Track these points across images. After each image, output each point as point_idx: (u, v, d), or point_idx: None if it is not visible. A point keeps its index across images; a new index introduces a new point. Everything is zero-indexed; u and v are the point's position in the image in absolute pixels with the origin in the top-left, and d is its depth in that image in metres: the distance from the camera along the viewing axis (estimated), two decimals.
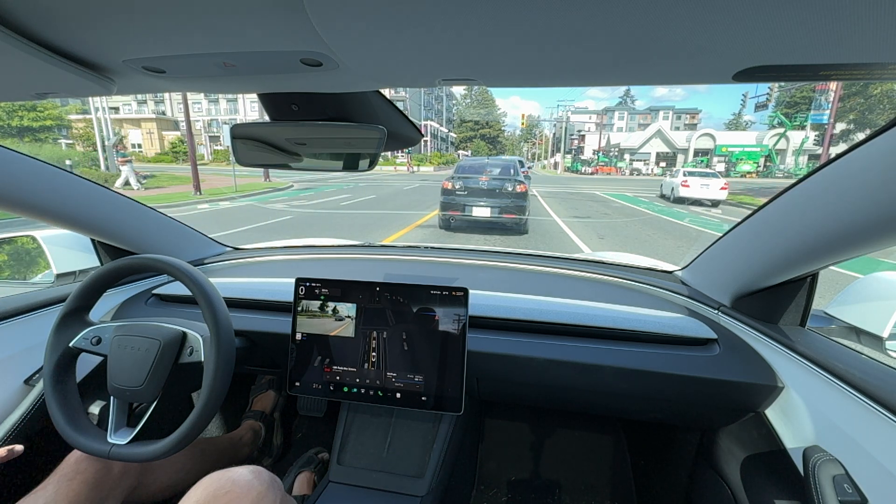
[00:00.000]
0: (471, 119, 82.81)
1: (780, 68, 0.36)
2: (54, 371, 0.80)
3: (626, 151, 45.85)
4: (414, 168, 35.51)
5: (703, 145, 41.67)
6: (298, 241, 1.65)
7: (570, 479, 1.43)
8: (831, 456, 0.62)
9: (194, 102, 45.87)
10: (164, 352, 0.79)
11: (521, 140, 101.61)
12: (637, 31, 0.32)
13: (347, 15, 0.32)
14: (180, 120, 45.60)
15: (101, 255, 1.20)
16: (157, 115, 47.08)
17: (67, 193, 0.94)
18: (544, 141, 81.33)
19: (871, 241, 0.53)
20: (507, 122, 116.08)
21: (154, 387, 0.78)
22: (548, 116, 76.33)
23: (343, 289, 0.93)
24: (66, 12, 0.34)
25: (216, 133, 44.78)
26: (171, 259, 0.81)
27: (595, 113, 64.22)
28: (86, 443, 0.76)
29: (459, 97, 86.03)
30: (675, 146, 43.71)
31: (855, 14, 0.28)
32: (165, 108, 50.75)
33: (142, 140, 43.30)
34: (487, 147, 78.18)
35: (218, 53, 0.41)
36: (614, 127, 60.11)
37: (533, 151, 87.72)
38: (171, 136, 42.58)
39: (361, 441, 0.97)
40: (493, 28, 0.33)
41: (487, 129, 79.72)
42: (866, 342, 0.82)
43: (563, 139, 58.70)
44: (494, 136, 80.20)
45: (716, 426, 0.98)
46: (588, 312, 0.94)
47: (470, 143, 77.02)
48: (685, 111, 60.17)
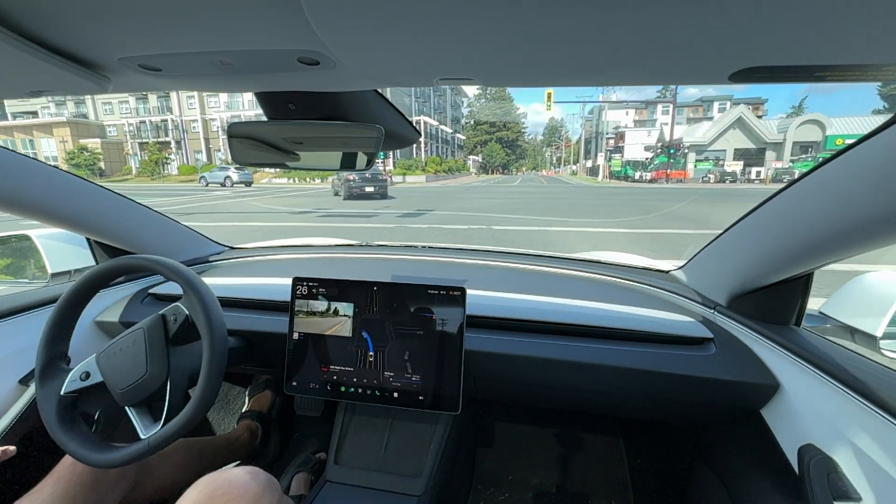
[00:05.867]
0: (486, 120, 72.52)
1: (776, 69, 0.36)
2: (58, 419, 0.76)
3: (691, 149, 34.01)
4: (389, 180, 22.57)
5: (806, 136, 30.66)
6: (296, 241, 1.65)
7: (568, 478, 1.44)
8: (826, 454, 0.62)
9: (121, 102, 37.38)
10: (151, 334, 0.78)
11: (543, 144, 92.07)
12: (633, 32, 0.32)
13: (345, 14, 0.32)
14: (106, 124, 37.71)
15: (96, 254, 1.19)
16: (73, 119, 36.38)
17: (62, 192, 0.94)
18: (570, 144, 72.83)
19: (868, 240, 0.54)
20: (528, 126, 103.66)
21: (158, 366, 0.76)
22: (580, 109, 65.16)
23: (340, 288, 0.92)
24: (61, 9, 0.34)
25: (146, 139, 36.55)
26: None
27: (634, 107, 54.92)
28: (114, 456, 0.73)
29: (473, 96, 74.91)
30: (763, 139, 31.89)
31: (849, 16, 0.28)
32: (87, 108, 39.06)
33: (56, 152, 33.10)
34: (504, 151, 68.36)
35: (215, 52, 0.40)
36: (657, 123, 49.29)
37: (558, 156, 79.73)
38: (92, 143, 34.44)
39: (359, 441, 0.97)
40: (490, 27, 0.33)
41: (505, 132, 70.00)
42: (860, 341, 0.82)
43: (596, 140, 50.67)
44: (513, 140, 71.28)
45: (712, 425, 0.98)
46: (585, 312, 0.94)
47: (483, 147, 66.83)
48: (747, 101, 44.64)
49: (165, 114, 37.28)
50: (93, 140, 35.49)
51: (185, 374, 0.79)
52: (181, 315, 0.79)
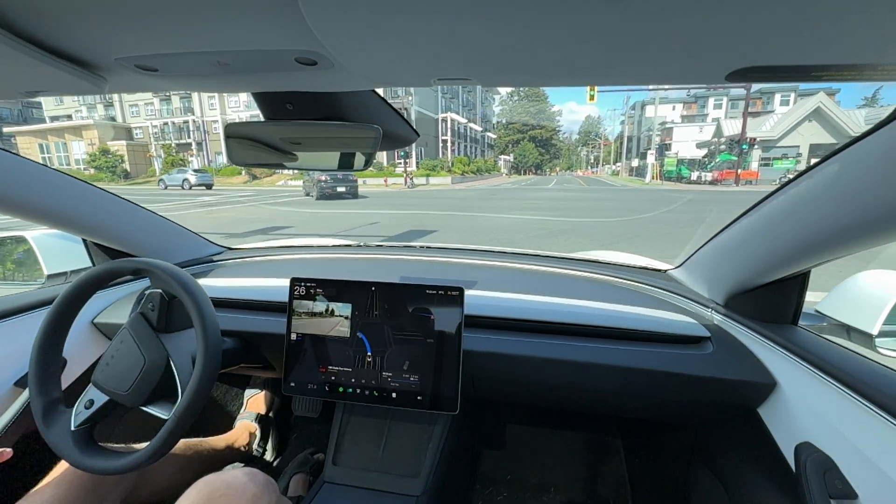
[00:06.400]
0: (518, 119, 68.29)
1: (773, 69, 0.37)
2: (78, 450, 0.74)
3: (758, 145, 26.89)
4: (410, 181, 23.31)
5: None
6: (294, 241, 1.64)
7: (566, 478, 1.44)
8: (823, 452, 0.62)
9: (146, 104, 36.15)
10: (136, 328, 0.78)
11: (579, 143, 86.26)
12: (630, 32, 0.32)
13: (342, 14, 0.32)
14: (133, 126, 36.83)
15: (92, 255, 1.18)
16: (101, 121, 35.66)
17: (58, 193, 0.93)
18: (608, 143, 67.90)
19: (865, 239, 0.54)
20: (562, 124, 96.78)
21: (155, 351, 0.76)
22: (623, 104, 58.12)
23: (338, 289, 0.92)
24: (56, 9, 0.34)
25: (169, 141, 34.91)
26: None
27: (681, 102, 47.72)
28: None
29: (505, 94, 69.12)
30: (848, 132, 24.40)
31: (845, 16, 0.28)
32: (115, 111, 38.10)
33: (85, 154, 32.89)
34: (538, 151, 63.91)
35: (212, 52, 0.40)
36: (708, 118, 43.13)
37: (595, 155, 75.75)
38: (117, 146, 33.47)
39: (357, 441, 0.97)
40: (487, 28, 0.33)
41: (539, 131, 66.19)
42: (856, 339, 0.83)
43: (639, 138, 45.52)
44: (547, 138, 67.60)
45: (709, 424, 0.98)
46: (583, 311, 0.94)
47: (515, 146, 62.07)
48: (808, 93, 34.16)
49: (187, 115, 35.82)
50: (118, 142, 34.63)
51: (186, 355, 0.78)
52: (156, 298, 0.78)
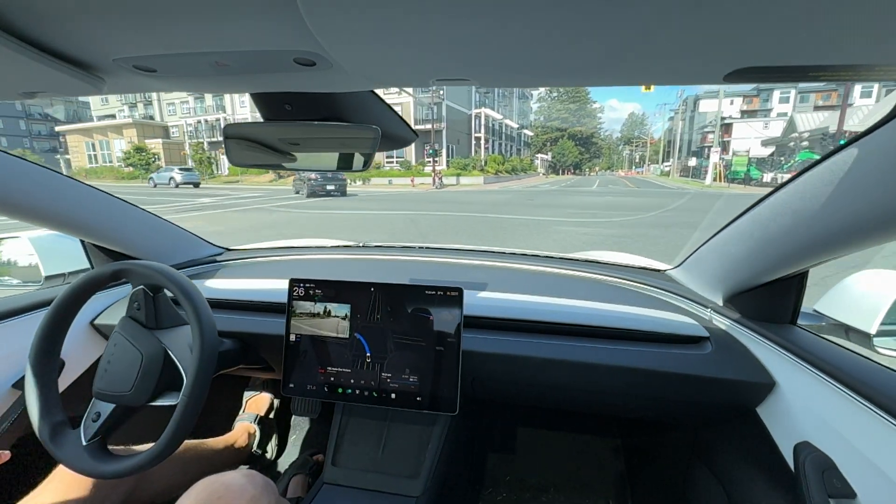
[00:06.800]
0: (557, 117, 64.66)
1: (771, 69, 0.37)
2: (93, 461, 0.73)
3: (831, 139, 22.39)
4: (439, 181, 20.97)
5: None
6: (292, 242, 1.64)
7: (566, 478, 1.44)
8: (821, 451, 0.62)
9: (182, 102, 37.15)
10: (128, 329, 0.78)
11: (621, 142, 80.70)
12: (629, 32, 0.32)
13: (341, 14, 0.32)
14: (170, 124, 37.67)
15: (91, 257, 1.18)
16: (140, 120, 36.77)
17: (56, 194, 0.93)
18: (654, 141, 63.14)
19: (864, 238, 0.54)
20: (604, 121, 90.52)
21: (151, 345, 0.76)
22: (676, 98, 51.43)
23: (337, 289, 0.92)
24: (54, 9, 0.34)
25: (202, 139, 34.96)
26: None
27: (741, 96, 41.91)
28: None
29: (544, 91, 63.99)
30: None
31: (842, 17, 0.29)
32: (153, 110, 39.64)
33: (121, 152, 33.72)
34: (577, 149, 60.02)
35: (210, 53, 0.40)
36: (772, 112, 39.84)
37: (640, 153, 71.60)
38: (153, 144, 33.95)
39: (356, 442, 0.97)
40: (486, 28, 0.33)
41: (579, 129, 62.44)
42: (855, 339, 0.83)
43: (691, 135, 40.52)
44: (588, 136, 64.21)
45: (709, 424, 0.99)
46: (582, 311, 0.94)
47: (554, 144, 58.68)
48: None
49: (219, 112, 35.71)
50: (155, 140, 34.93)
51: (184, 347, 0.78)
52: (140, 296, 0.78)
